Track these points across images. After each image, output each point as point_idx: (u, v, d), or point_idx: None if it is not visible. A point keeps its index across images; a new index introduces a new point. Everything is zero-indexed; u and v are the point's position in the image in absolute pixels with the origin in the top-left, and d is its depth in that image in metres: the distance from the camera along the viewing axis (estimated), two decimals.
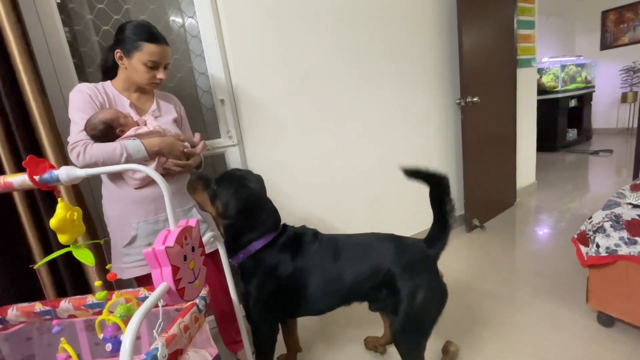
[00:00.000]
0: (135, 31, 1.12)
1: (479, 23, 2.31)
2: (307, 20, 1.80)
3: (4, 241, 1.18)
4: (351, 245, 1.15)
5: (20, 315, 1.06)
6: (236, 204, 1.07)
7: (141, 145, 1.08)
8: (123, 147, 1.06)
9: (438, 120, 2.41)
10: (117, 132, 1.09)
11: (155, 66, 1.15)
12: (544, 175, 3.60)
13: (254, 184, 1.14)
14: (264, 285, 1.11)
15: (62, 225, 0.75)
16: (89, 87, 1.14)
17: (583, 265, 1.38)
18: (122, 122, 1.10)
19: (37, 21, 1.30)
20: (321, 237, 1.19)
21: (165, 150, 1.14)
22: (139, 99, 1.24)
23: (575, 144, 5.02)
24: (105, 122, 1.06)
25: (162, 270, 0.69)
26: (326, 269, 1.12)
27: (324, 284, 1.11)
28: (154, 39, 1.12)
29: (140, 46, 1.11)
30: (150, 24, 1.16)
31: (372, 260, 1.10)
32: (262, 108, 1.74)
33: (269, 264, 1.10)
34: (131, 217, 1.17)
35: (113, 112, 1.10)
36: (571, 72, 4.75)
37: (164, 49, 1.15)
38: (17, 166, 1.17)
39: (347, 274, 1.10)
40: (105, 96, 1.15)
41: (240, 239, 1.11)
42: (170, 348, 0.73)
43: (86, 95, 1.11)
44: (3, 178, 0.76)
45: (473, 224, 2.50)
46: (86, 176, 0.75)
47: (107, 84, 1.20)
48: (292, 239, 1.15)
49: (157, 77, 1.17)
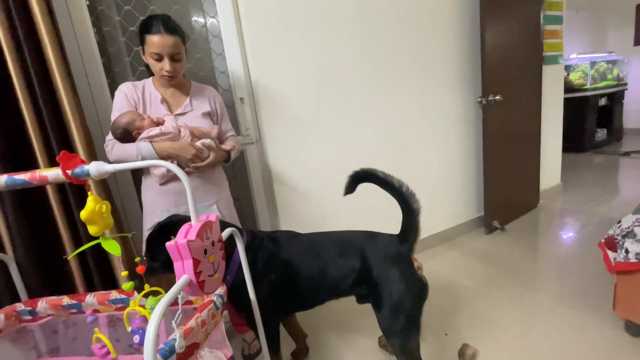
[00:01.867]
0: (141, 26, 1.17)
1: (503, 18, 2.24)
2: (326, 19, 1.80)
3: (38, 232, 1.25)
4: (328, 242, 1.18)
5: (49, 308, 1.12)
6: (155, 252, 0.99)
7: (152, 149, 1.16)
8: (138, 149, 1.15)
9: (458, 118, 2.36)
10: (134, 134, 1.18)
11: (159, 58, 1.16)
12: (570, 176, 3.46)
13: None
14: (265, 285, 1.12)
15: (92, 217, 0.79)
16: (127, 86, 1.23)
17: (610, 271, 1.32)
18: (138, 125, 1.17)
19: (69, 24, 1.37)
20: (299, 236, 1.22)
21: (174, 154, 1.18)
22: (173, 94, 1.30)
23: (605, 145, 4.79)
24: (121, 126, 1.16)
25: (183, 262, 0.72)
26: (307, 266, 1.14)
27: (306, 280, 1.14)
28: (153, 29, 1.14)
29: (145, 39, 1.16)
30: (156, 15, 1.17)
31: (349, 256, 1.13)
32: (281, 106, 1.76)
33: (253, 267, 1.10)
34: (157, 205, 1.26)
35: (129, 115, 1.18)
36: (601, 69, 4.53)
37: (164, 39, 1.13)
38: (50, 161, 1.24)
39: (327, 270, 1.13)
40: (140, 94, 1.23)
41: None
42: (188, 340, 0.75)
43: (123, 95, 1.21)
44: (38, 172, 0.80)
45: (493, 225, 2.43)
46: (114, 171, 0.78)
47: (149, 81, 1.28)
48: (260, 244, 1.15)
49: (163, 69, 1.17)
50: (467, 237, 2.46)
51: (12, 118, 1.19)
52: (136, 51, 1.58)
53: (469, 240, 2.41)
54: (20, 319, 1.12)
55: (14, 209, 1.19)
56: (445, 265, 2.09)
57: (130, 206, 1.57)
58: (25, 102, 1.19)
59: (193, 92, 1.33)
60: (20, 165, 1.20)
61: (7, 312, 1.09)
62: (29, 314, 1.12)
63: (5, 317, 1.08)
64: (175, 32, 1.17)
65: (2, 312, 1.08)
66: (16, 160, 1.20)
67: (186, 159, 1.20)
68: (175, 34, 1.16)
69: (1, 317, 1.06)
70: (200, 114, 1.30)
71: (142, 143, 1.16)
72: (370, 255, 1.12)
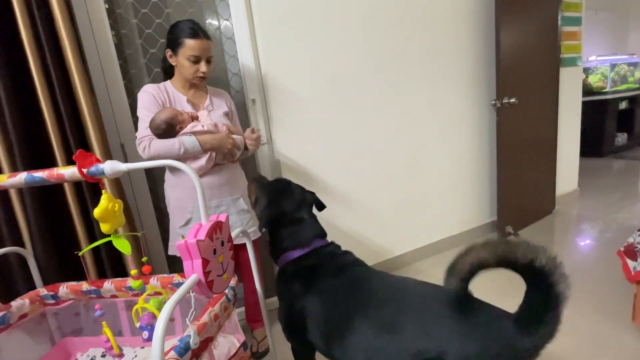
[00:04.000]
0: (178, 30, 1.25)
1: (519, 19, 2.20)
2: (339, 20, 1.81)
3: (55, 228, 1.29)
4: (391, 298, 0.79)
5: (70, 293, 1.17)
6: (265, 216, 1.07)
7: (196, 142, 1.22)
8: (181, 142, 1.21)
9: (471, 121, 2.32)
10: (177, 129, 1.24)
11: (197, 60, 1.26)
12: (588, 182, 3.36)
13: (288, 202, 1.08)
14: (284, 303, 1.02)
15: (105, 215, 0.81)
16: (153, 87, 1.29)
17: (630, 280, 1.27)
18: (180, 119, 1.24)
19: (88, 27, 1.41)
20: (353, 271, 0.95)
21: (216, 146, 1.26)
22: (194, 95, 1.36)
23: (625, 150, 4.63)
24: (166, 121, 1.22)
25: (193, 262, 0.73)
26: (344, 316, 0.83)
27: (335, 332, 0.83)
28: (193, 34, 1.23)
29: (182, 43, 1.24)
30: (192, 21, 1.27)
31: (415, 334, 0.70)
32: (292, 108, 1.77)
33: (288, 281, 1.01)
34: (188, 201, 1.30)
35: (171, 111, 1.24)
36: (622, 72, 4.39)
37: (203, 43, 1.24)
38: (68, 160, 1.27)
39: (371, 340, 0.75)
40: (166, 94, 1.30)
41: (274, 245, 1.08)
42: (202, 336, 0.77)
43: (150, 96, 1.26)
44: (56, 170, 0.83)
45: (506, 230, 2.38)
46: (127, 170, 0.80)
47: (167, 83, 1.34)
48: (315, 264, 0.99)
49: (200, 70, 1.27)
50: None
51: (33, 118, 1.24)
52: (152, 53, 1.61)
53: None
54: (43, 302, 1.18)
55: (33, 206, 1.24)
56: None
57: (143, 205, 1.60)
58: (45, 102, 1.23)
59: (211, 93, 1.41)
60: (39, 164, 1.23)
61: (31, 297, 1.14)
62: (51, 298, 1.17)
63: (30, 301, 1.13)
64: (209, 36, 1.28)
65: (26, 297, 1.13)
66: (36, 159, 1.24)
67: (224, 151, 1.27)
68: (209, 39, 1.27)
69: (26, 302, 1.12)
70: (222, 114, 1.37)
71: (186, 137, 1.22)
72: (458, 344, 0.65)
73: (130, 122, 1.54)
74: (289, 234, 1.04)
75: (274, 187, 1.12)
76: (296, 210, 1.08)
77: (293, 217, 1.06)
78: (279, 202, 1.07)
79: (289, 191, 1.11)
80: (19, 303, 1.10)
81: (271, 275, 1.89)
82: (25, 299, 1.12)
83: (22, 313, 1.10)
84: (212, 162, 1.28)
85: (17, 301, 1.10)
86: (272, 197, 1.08)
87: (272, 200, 1.08)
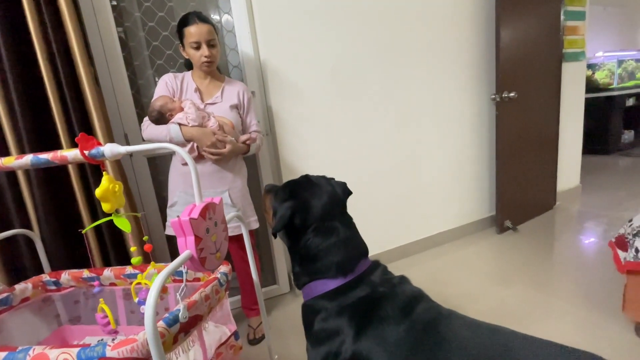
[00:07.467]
0: (180, 23, 1.32)
1: (520, 12, 2.20)
2: (339, 13, 1.83)
3: (61, 210, 1.34)
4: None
5: (71, 280, 1.22)
6: (279, 226, 0.80)
7: (179, 131, 1.27)
8: (168, 130, 1.27)
9: (471, 115, 2.33)
10: (167, 116, 1.30)
11: (198, 46, 1.30)
12: (591, 178, 3.34)
13: (315, 202, 0.81)
14: (313, 347, 0.74)
15: (105, 195, 0.85)
16: (169, 76, 1.38)
17: (620, 270, 1.29)
18: (170, 107, 1.30)
19: (93, 18, 1.46)
20: (424, 312, 0.68)
21: (196, 138, 1.29)
22: (208, 86, 1.42)
23: (632, 147, 4.57)
24: (156, 109, 1.29)
25: (186, 239, 0.77)
26: None
27: None
28: (189, 21, 1.28)
29: (183, 33, 1.31)
30: (192, 11, 1.31)
31: None
32: (292, 100, 1.80)
33: (325, 329, 0.71)
34: (176, 185, 1.38)
35: (162, 99, 1.30)
36: (630, 68, 4.33)
37: (199, 27, 1.28)
38: (72, 145, 1.33)
39: None
40: (179, 83, 1.37)
41: (297, 269, 0.83)
42: (191, 312, 0.81)
43: (164, 83, 1.36)
44: (60, 152, 0.87)
45: (505, 225, 2.39)
46: (126, 153, 0.84)
47: (188, 73, 1.42)
48: (368, 300, 0.71)
49: (203, 55, 1.31)
50: (478, 236, 2.43)
51: (39, 104, 1.29)
52: (154, 46, 1.66)
53: (480, 239, 2.37)
54: (45, 288, 1.23)
55: (40, 189, 1.29)
56: (454, 263, 2.07)
57: (144, 187, 1.65)
58: (52, 93, 1.28)
59: (226, 85, 1.45)
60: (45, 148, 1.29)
61: (34, 281, 1.20)
62: (53, 284, 1.23)
63: (33, 286, 1.19)
64: (208, 21, 1.31)
65: (29, 281, 1.19)
66: (43, 148, 1.30)
67: (204, 145, 1.29)
68: (208, 22, 1.31)
69: (29, 286, 1.17)
70: (229, 106, 1.40)
71: (173, 125, 1.28)
72: None
73: (133, 112, 1.59)
74: (320, 252, 0.76)
75: (292, 187, 0.86)
76: (328, 213, 0.79)
77: (324, 225, 0.78)
78: (303, 206, 0.80)
79: (314, 187, 0.84)
80: (22, 286, 1.15)
81: (266, 265, 1.94)
82: (28, 283, 1.18)
83: (25, 296, 1.15)
84: (194, 152, 1.30)
85: (20, 285, 1.16)
86: (292, 200, 0.81)
87: (292, 205, 0.80)
